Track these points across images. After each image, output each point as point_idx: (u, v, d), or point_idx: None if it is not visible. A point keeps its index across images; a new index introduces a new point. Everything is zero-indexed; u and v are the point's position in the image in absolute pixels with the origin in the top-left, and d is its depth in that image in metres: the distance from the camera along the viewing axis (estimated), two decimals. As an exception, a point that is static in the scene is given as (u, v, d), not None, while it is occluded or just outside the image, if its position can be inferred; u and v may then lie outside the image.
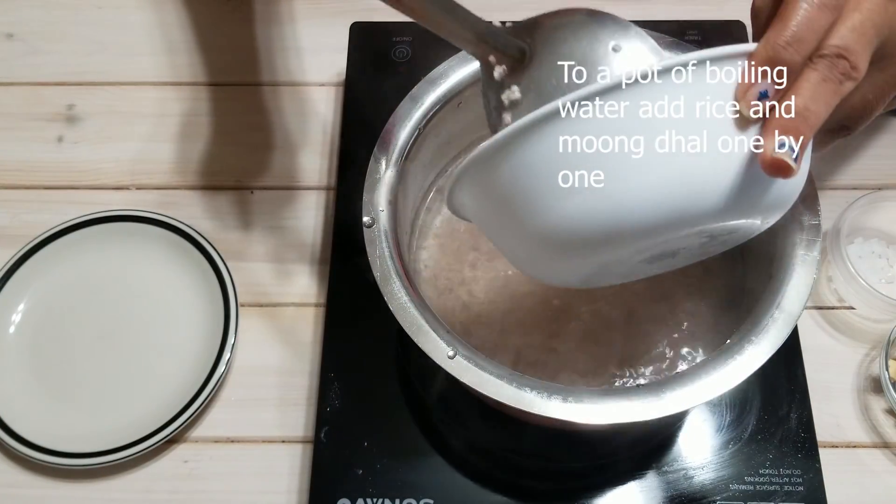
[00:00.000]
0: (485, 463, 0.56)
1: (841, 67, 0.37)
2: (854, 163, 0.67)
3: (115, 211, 0.64)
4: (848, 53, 0.37)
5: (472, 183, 0.41)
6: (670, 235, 0.38)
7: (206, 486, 0.57)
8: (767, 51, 0.36)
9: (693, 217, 0.37)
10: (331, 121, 0.70)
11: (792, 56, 0.36)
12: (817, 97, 0.36)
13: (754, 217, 0.39)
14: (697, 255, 0.45)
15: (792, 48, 0.36)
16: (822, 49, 0.37)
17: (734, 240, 0.43)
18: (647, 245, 0.39)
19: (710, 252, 0.45)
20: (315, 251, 0.64)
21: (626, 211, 0.36)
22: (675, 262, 0.45)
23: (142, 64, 0.74)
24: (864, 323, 0.61)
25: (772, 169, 0.35)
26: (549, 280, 0.46)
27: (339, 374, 0.57)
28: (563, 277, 0.44)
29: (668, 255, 0.43)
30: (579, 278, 0.44)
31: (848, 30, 0.37)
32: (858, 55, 0.37)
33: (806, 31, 0.36)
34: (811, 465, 0.54)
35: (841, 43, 0.37)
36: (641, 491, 0.54)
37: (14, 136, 0.70)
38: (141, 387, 0.59)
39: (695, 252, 0.44)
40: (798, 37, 0.36)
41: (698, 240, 0.41)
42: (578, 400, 0.44)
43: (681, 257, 0.45)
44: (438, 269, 0.58)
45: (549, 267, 0.43)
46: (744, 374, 0.44)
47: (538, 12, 0.44)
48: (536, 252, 0.41)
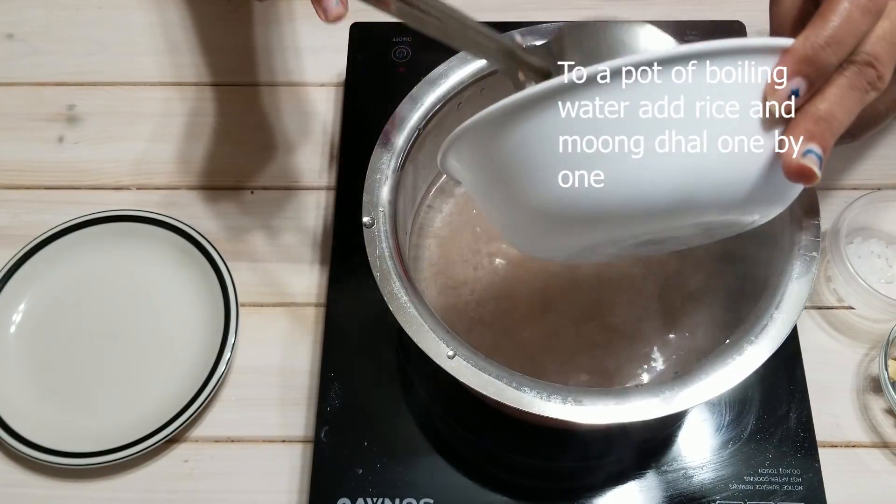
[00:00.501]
0: (485, 463, 0.56)
1: (869, 76, 0.36)
2: (854, 163, 0.67)
3: (115, 211, 0.64)
4: (877, 62, 0.36)
5: (472, 145, 0.40)
6: (669, 224, 0.37)
7: (206, 485, 0.57)
8: (806, 49, 0.35)
9: (695, 209, 0.36)
10: (331, 121, 0.70)
11: (829, 57, 0.35)
12: (843, 105, 0.35)
13: (754, 214, 0.39)
14: (687, 243, 0.45)
15: (830, 49, 0.35)
16: (853, 55, 0.36)
17: (729, 232, 0.43)
18: (642, 231, 0.38)
19: (699, 242, 0.45)
20: (315, 251, 0.64)
21: (628, 196, 0.35)
22: (663, 248, 0.45)
23: (142, 64, 0.74)
24: (863, 323, 0.61)
25: (796, 174, 0.34)
26: (534, 253, 0.45)
27: (339, 374, 0.57)
28: (549, 253, 0.44)
29: (657, 242, 0.43)
30: (566, 255, 0.43)
31: (878, 38, 0.36)
32: (886, 65, 0.36)
33: (846, 33, 0.35)
34: (810, 465, 0.54)
35: (871, 51, 0.36)
36: (641, 491, 0.54)
37: (14, 136, 0.70)
38: (141, 387, 0.59)
39: (685, 240, 0.44)
40: (838, 38, 0.35)
41: (693, 230, 0.40)
42: (578, 400, 0.44)
43: (669, 244, 0.44)
44: (438, 269, 0.58)
45: (537, 241, 0.42)
46: (743, 374, 0.44)
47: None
48: (528, 225, 0.40)
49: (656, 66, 0.34)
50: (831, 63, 0.35)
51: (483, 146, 0.40)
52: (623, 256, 0.46)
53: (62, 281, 0.62)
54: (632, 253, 0.45)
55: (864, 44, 0.36)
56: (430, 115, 0.53)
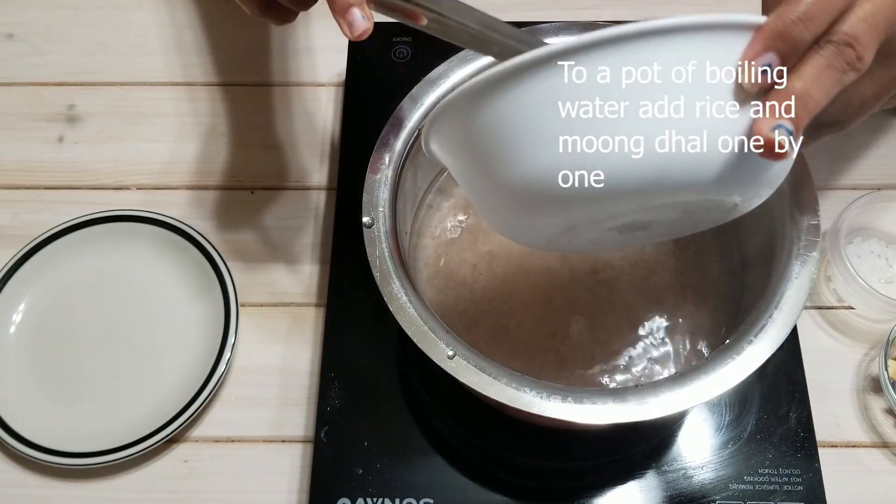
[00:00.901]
0: (485, 463, 0.56)
1: (847, 56, 0.36)
2: (853, 163, 0.67)
3: (115, 211, 0.64)
4: (856, 43, 0.36)
5: (452, 122, 0.40)
6: (644, 202, 0.37)
7: (206, 485, 0.57)
8: (777, 24, 0.35)
9: (671, 186, 0.36)
10: (331, 121, 0.70)
11: (801, 33, 0.35)
12: (819, 83, 0.35)
13: (732, 195, 0.38)
14: (669, 231, 0.44)
15: (802, 25, 0.35)
16: (830, 34, 0.36)
17: (712, 218, 0.42)
18: (619, 210, 0.38)
19: (683, 230, 0.44)
20: (315, 251, 0.65)
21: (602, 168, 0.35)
22: (645, 235, 0.44)
23: (142, 64, 0.74)
24: (863, 323, 0.61)
25: (767, 150, 0.34)
26: (516, 238, 0.45)
27: (339, 374, 0.57)
28: (530, 236, 0.43)
29: (639, 227, 0.42)
30: (546, 238, 0.43)
31: (859, 19, 0.36)
32: (866, 46, 0.36)
33: (819, 10, 0.35)
34: (810, 465, 0.54)
35: (850, 31, 0.36)
36: (641, 491, 0.54)
37: (15, 136, 0.70)
38: (141, 387, 0.59)
39: (667, 227, 0.43)
40: (810, 14, 0.35)
41: (672, 214, 0.40)
42: (578, 400, 0.44)
43: (652, 231, 0.44)
44: (438, 269, 0.58)
45: (517, 222, 0.42)
46: (743, 374, 0.44)
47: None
48: (506, 203, 0.40)
49: (632, 41, 0.34)
50: (804, 39, 0.35)
51: (460, 124, 0.40)
52: (605, 244, 0.45)
53: (62, 281, 0.62)
54: (614, 240, 0.45)
55: (843, 24, 0.36)
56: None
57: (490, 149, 0.38)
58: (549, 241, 0.43)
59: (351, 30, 0.40)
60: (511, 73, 0.36)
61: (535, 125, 0.36)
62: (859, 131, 0.64)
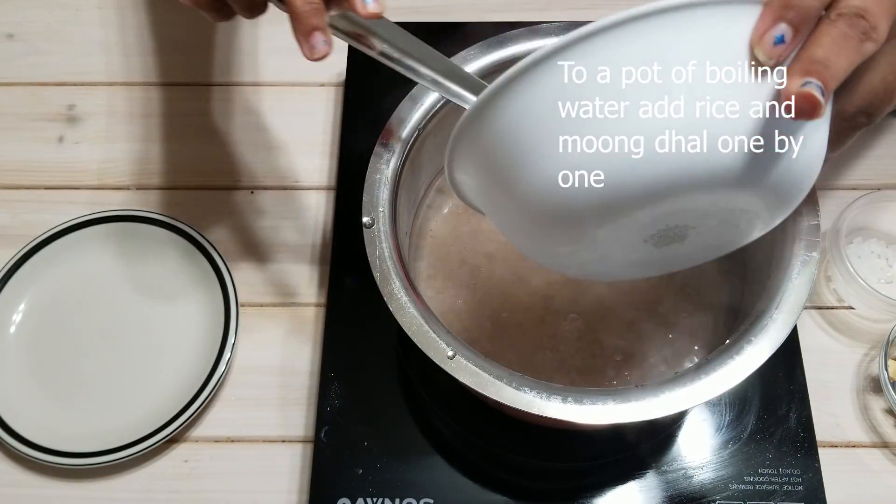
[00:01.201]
0: (485, 463, 0.56)
1: (861, 27, 0.35)
2: (854, 163, 0.67)
3: (115, 211, 0.64)
4: (867, 14, 0.35)
5: (465, 150, 0.40)
6: (667, 205, 0.36)
7: (206, 485, 0.57)
8: None
9: (692, 181, 0.35)
10: (331, 121, 0.70)
11: (810, 1, 0.34)
12: (838, 51, 0.35)
13: (755, 191, 0.37)
14: (706, 246, 0.43)
15: None
16: (839, 8, 0.35)
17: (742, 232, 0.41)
18: (643, 217, 0.37)
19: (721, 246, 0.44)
20: (315, 251, 0.65)
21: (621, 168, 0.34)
22: (682, 251, 0.43)
23: (142, 64, 0.74)
24: (863, 323, 0.61)
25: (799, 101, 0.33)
26: (548, 262, 0.44)
27: (339, 374, 0.57)
28: (560, 259, 0.43)
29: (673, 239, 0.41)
30: (577, 261, 0.42)
31: None
32: (878, 17, 0.36)
33: None
34: (810, 465, 0.54)
35: (860, 3, 0.35)
36: (641, 490, 0.54)
37: (15, 136, 0.70)
38: (141, 387, 0.59)
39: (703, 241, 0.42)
40: None
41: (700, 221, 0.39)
42: (578, 400, 0.44)
43: (690, 246, 0.42)
44: (438, 269, 0.58)
45: (544, 243, 0.41)
46: (743, 374, 0.44)
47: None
48: (530, 220, 0.39)
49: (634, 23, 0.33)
50: (812, 6, 0.35)
51: (475, 146, 0.40)
52: (643, 264, 0.44)
53: (62, 281, 0.62)
54: (653, 258, 0.43)
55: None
56: (430, 115, 0.53)
57: (505, 161, 0.38)
58: (582, 264, 0.43)
59: (312, 52, 0.42)
60: (513, 79, 0.36)
61: (542, 129, 0.36)
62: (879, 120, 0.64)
